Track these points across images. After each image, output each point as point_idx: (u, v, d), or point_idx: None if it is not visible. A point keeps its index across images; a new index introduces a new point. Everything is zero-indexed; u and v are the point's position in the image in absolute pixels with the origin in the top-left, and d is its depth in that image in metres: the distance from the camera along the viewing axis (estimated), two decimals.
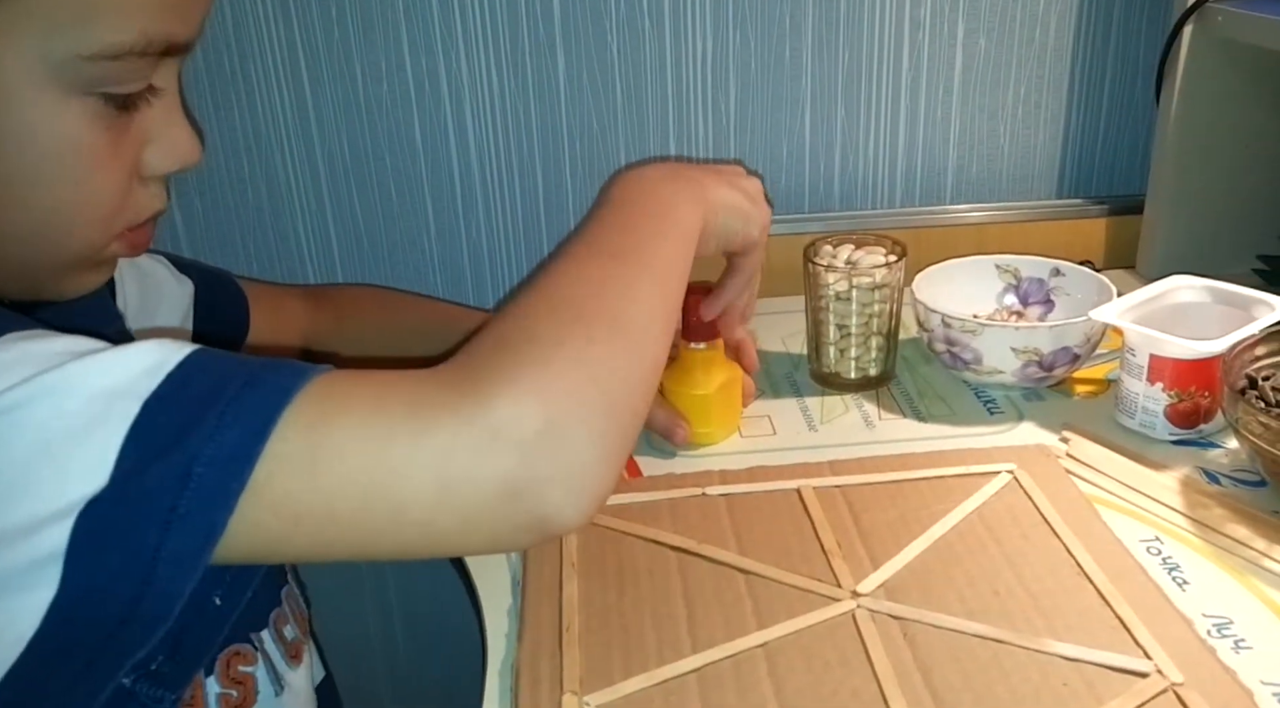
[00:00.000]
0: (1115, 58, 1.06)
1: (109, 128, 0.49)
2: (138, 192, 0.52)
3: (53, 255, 0.51)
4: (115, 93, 0.48)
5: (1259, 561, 0.64)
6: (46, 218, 0.49)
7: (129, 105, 0.49)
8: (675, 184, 0.63)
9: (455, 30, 0.99)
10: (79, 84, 0.47)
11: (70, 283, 0.54)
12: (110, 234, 0.52)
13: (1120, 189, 1.11)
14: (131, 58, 0.47)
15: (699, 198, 0.64)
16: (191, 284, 0.78)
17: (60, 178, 0.48)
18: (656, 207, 0.61)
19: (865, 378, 0.87)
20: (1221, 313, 0.78)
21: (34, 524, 0.40)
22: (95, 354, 0.42)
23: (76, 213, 0.50)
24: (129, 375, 0.42)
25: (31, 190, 0.48)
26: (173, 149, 0.52)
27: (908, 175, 1.09)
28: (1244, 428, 0.68)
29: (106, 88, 0.48)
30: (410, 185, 1.05)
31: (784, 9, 1.01)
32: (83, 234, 0.51)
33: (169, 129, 0.52)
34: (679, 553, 0.67)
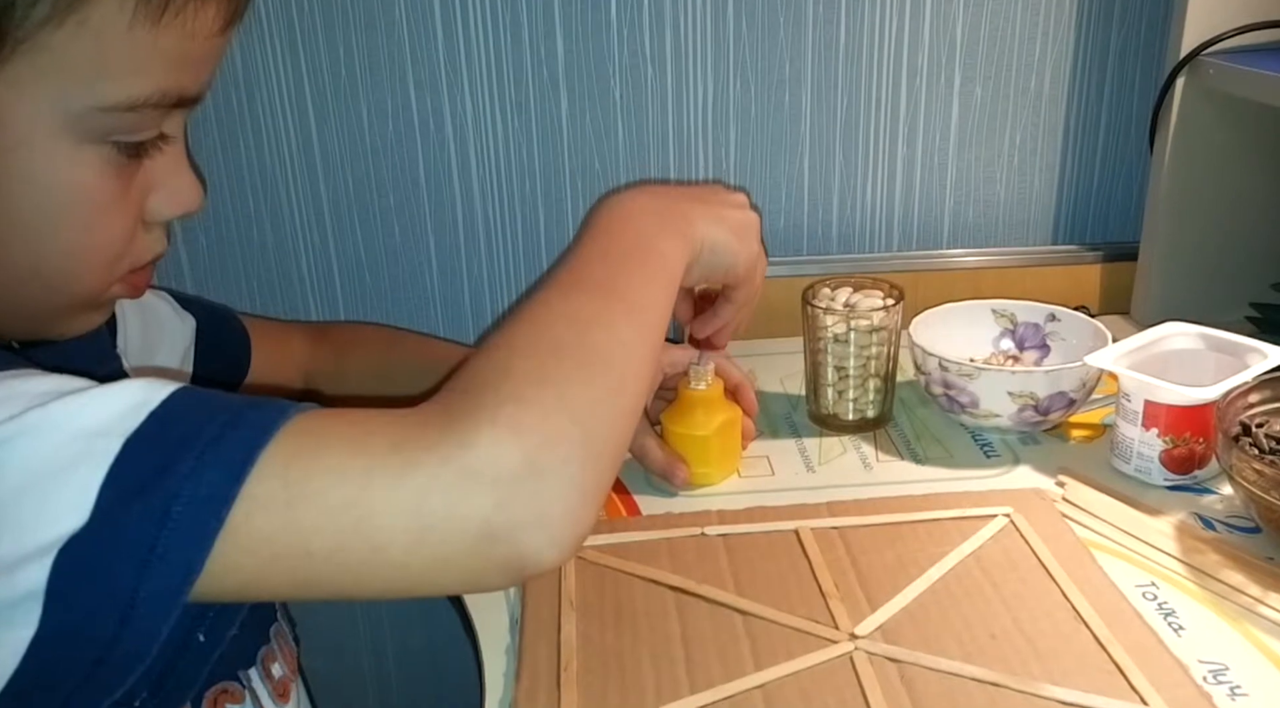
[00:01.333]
0: (1109, 107, 1.07)
1: (119, 175, 0.50)
2: (141, 236, 0.53)
3: (56, 297, 0.52)
4: (127, 141, 0.49)
5: (1254, 607, 0.64)
6: (53, 262, 0.50)
7: (139, 153, 0.50)
8: (660, 218, 0.62)
9: (460, 71, 1.01)
10: (93, 133, 0.48)
11: (70, 324, 0.55)
12: (113, 277, 0.53)
13: (1115, 236, 1.12)
14: (146, 109, 0.48)
15: (684, 233, 0.63)
16: (194, 321, 0.79)
17: (70, 223, 0.49)
18: (640, 241, 0.60)
19: (863, 420, 0.87)
20: (1215, 360, 0.79)
21: (14, 562, 0.40)
22: (80, 393, 0.42)
23: (83, 257, 0.51)
24: (111, 414, 0.42)
25: (40, 234, 0.49)
26: (176, 196, 0.53)
27: (905, 220, 1.10)
28: (1238, 474, 0.69)
29: (119, 137, 0.49)
30: (413, 224, 1.06)
31: (784, 56, 1.03)
32: (87, 278, 0.52)
33: (174, 177, 0.53)
34: (677, 593, 0.67)
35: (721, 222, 0.66)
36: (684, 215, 0.64)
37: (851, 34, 1.02)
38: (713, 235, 0.65)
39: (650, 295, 0.57)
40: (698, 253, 0.64)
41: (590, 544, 0.71)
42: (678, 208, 0.64)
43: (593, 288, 0.55)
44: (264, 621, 0.67)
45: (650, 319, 0.56)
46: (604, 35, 1.00)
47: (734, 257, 0.67)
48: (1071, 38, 1.04)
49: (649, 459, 0.78)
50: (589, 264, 0.57)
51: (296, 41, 0.98)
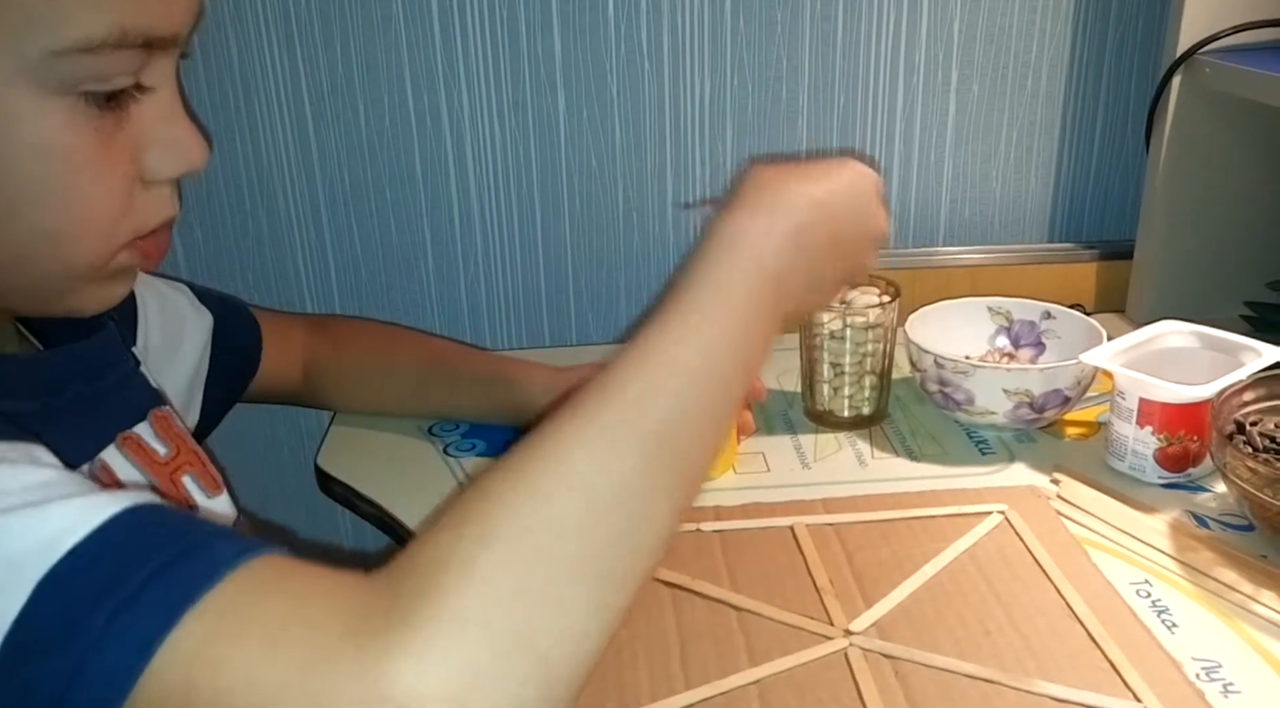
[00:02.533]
0: (1106, 106, 1.08)
1: (96, 130, 0.46)
2: (141, 198, 0.49)
3: (55, 273, 0.48)
4: (96, 90, 0.45)
5: (1247, 604, 0.64)
6: (39, 233, 0.46)
7: (115, 104, 0.46)
8: (778, 286, 0.51)
9: (457, 67, 1.01)
10: (56, 82, 0.44)
11: (84, 298, 0.51)
12: (114, 244, 0.49)
13: (1110, 234, 1.12)
14: (107, 51, 0.44)
15: (787, 309, 0.53)
16: (211, 317, 0.78)
17: (47, 187, 0.45)
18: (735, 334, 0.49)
19: (858, 417, 0.87)
20: (1210, 358, 0.79)
21: None
22: (8, 513, 0.38)
23: (70, 224, 0.47)
24: (32, 544, 0.38)
25: (18, 203, 0.45)
26: (175, 150, 0.49)
27: (902, 217, 1.10)
28: (1232, 472, 0.69)
29: (86, 85, 0.45)
30: (410, 219, 1.06)
31: (780, 53, 1.03)
32: (83, 247, 0.48)
33: (168, 130, 0.49)
34: (672, 589, 0.67)
35: (838, 281, 0.59)
36: (807, 284, 0.55)
37: (849, 31, 1.02)
38: (814, 304, 0.59)
39: (710, 448, 0.47)
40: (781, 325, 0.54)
41: None
42: (807, 267, 0.54)
43: (643, 429, 0.43)
44: None
45: (696, 484, 0.46)
46: (601, 32, 1.00)
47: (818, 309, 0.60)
48: (1068, 36, 1.04)
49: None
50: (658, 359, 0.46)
51: (293, 37, 0.98)
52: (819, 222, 0.54)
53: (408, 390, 0.88)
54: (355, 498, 0.83)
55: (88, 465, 0.54)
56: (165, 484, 0.58)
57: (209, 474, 0.62)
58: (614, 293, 1.11)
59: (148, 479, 0.57)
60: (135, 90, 0.47)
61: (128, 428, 0.58)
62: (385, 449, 0.87)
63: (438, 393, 0.88)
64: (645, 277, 1.10)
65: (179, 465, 0.60)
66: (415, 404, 0.89)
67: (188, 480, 0.60)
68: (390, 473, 0.84)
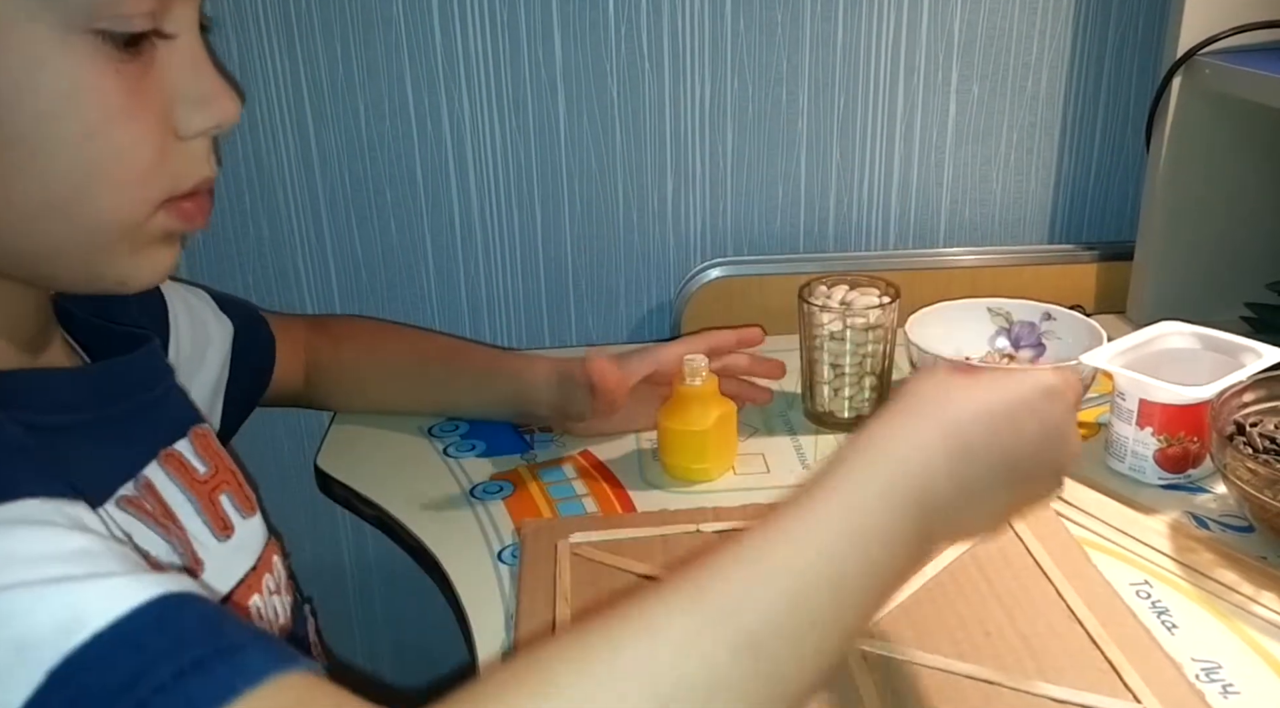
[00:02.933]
0: (1106, 107, 1.08)
1: (118, 72, 0.45)
2: (175, 154, 0.48)
3: (89, 230, 0.47)
4: (115, 31, 0.44)
5: (1247, 605, 0.64)
6: (69, 181, 0.45)
7: (136, 48, 0.45)
8: (947, 513, 0.45)
9: (458, 69, 1.01)
10: (73, 18, 0.43)
11: (127, 268, 0.50)
12: (149, 201, 0.48)
13: (1111, 235, 1.12)
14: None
15: (947, 539, 0.48)
16: (232, 326, 0.78)
17: (68, 132, 0.44)
18: (880, 562, 0.42)
19: (859, 417, 0.87)
20: (1210, 359, 0.79)
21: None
22: (21, 590, 0.36)
23: (99, 171, 0.45)
24: (47, 626, 0.36)
25: (42, 149, 0.44)
26: (205, 103, 0.48)
27: (902, 218, 1.10)
28: (1232, 473, 0.69)
29: (104, 23, 0.44)
30: (410, 221, 1.06)
31: (781, 54, 1.03)
32: (115, 199, 0.46)
33: (197, 82, 0.48)
34: None
35: (1013, 512, 0.52)
36: (968, 509, 0.47)
37: (849, 32, 1.02)
38: (983, 533, 0.52)
39: (812, 667, 0.40)
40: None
41: (585, 541, 0.72)
42: (967, 490, 0.47)
43: (738, 627, 0.39)
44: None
45: (789, 700, 0.40)
46: (601, 34, 1.00)
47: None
48: (1069, 37, 1.04)
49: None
50: (770, 557, 0.41)
51: (294, 38, 0.98)
52: (988, 440, 0.47)
53: (407, 387, 0.88)
54: (355, 499, 0.83)
55: (132, 482, 0.53)
56: (204, 503, 0.57)
57: (244, 494, 0.62)
58: (614, 294, 1.11)
59: (188, 497, 0.56)
60: (155, 36, 0.46)
61: (169, 445, 0.58)
62: (385, 450, 0.87)
63: (437, 389, 0.88)
64: (645, 277, 1.10)
65: (217, 484, 0.59)
66: (415, 401, 0.89)
67: (225, 500, 0.59)
68: (390, 474, 0.84)
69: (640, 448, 0.85)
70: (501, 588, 0.69)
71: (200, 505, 0.57)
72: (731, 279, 1.08)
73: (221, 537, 0.58)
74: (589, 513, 0.77)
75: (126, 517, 0.51)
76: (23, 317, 0.53)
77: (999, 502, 0.49)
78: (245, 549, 0.60)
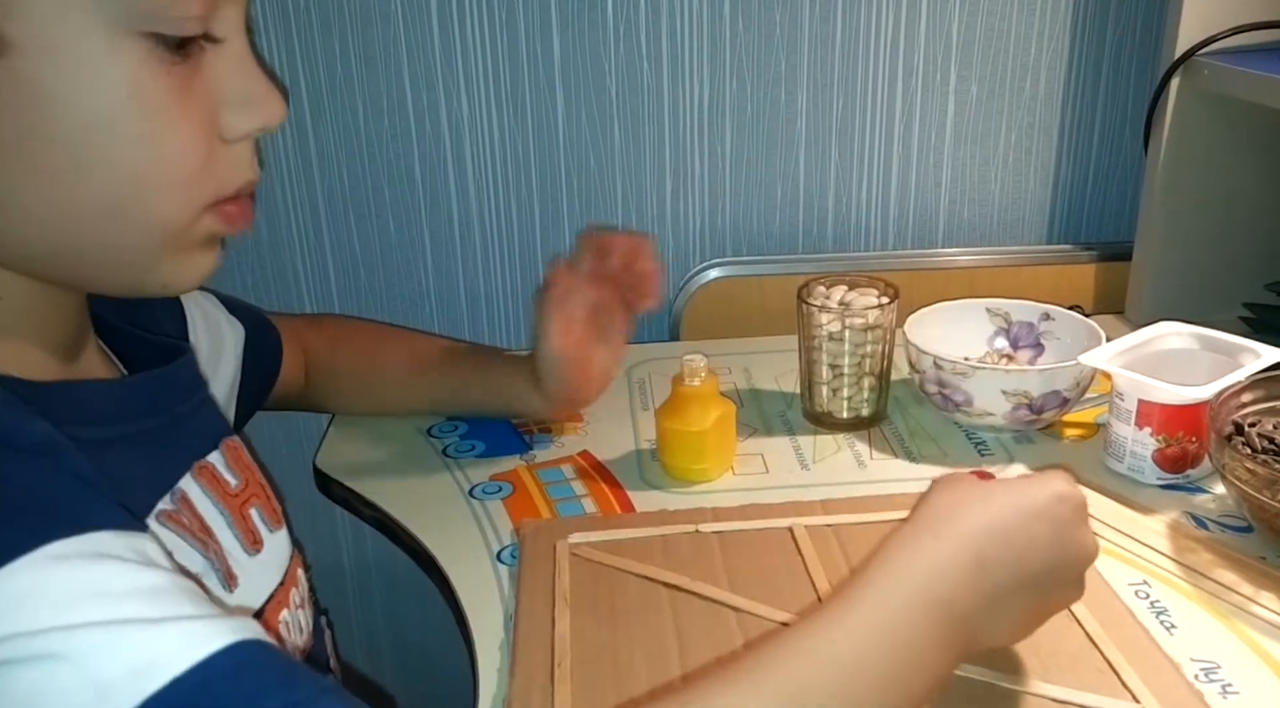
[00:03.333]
0: (1104, 107, 1.08)
1: (169, 74, 0.45)
2: (221, 156, 0.48)
3: (137, 231, 0.47)
4: (167, 34, 0.44)
5: (1246, 606, 0.64)
6: (118, 184, 0.45)
7: (185, 51, 0.45)
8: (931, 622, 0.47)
9: (456, 68, 1.01)
10: (124, 20, 0.43)
11: (170, 271, 0.50)
12: (195, 204, 0.48)
13: (1109, 236, 1.12)
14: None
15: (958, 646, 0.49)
16: (243, 329, 0.78)
17: (123, 131, 0.44)
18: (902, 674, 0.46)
19: (857, 418, 0.87)
20: (1208, 359, 0.79)
21: None
22: (98, 629, 0.38)
23: (149, 174, 0.46)
24: (123, 669, 0.37)
25: (94, 151, 0.44)
26: (251, 105, 0.48)
27: (900, 219, 1.10)
28: (1231, 474, 0.69)
29: (156, 26, 0.44)
30: (408, 220, 1.06)
31: (779, 54, 1.03)
32: (163, 202, 0.47)
33: (245, 84, 0.48)
34: (671, 590, 0.67)
35: (1041, 616, 0.53)
36: (996, 619, 0.50)
37: (847, 32, 1.02)
38: (1016, 638, 0.54)
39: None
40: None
41: (584, 541, 0.72)
42: (990, 602, 0.49)
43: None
44: None
45: None
46: (600, 32, 1.00)
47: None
48: (1067, 38, 1.04)
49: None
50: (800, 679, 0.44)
51: (292, 36, 0.98)
52: (1002, 553, 0.49)
53: (400, 389, 0.88)
54: (354, 499, 0.82)
55: (169, 495, 0.53)
56: (236, 517, 0.57)
57: (272, 507, 0.61)
58: None
59: (220, 511, 0.56)
60: (205, 40, 0.47)
61: (202, 457, 0.57)
62: (384, 451, 0.87)
63: (428, 390, 0.88)
64: None
65: (247, 497, 0.59)
66: (408, 402, 0.89)
67: (254, 513, 0.59)
68: (389, 474, 0.84)
69: (639, 448, 0.85)
70: (501, 588, 0.69)
71: (232, 519, 0.57)
72: (730, 279, 1.08)
73: (252, 551, 0.57)
74: (588, 513, 0.77)
75: (166, 532, 0.51)
76: (59, 324, 0.52)
77: (1021, 608, 0.51)
78: (274, 564, 0.60)
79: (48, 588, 0.38)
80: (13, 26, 0.41)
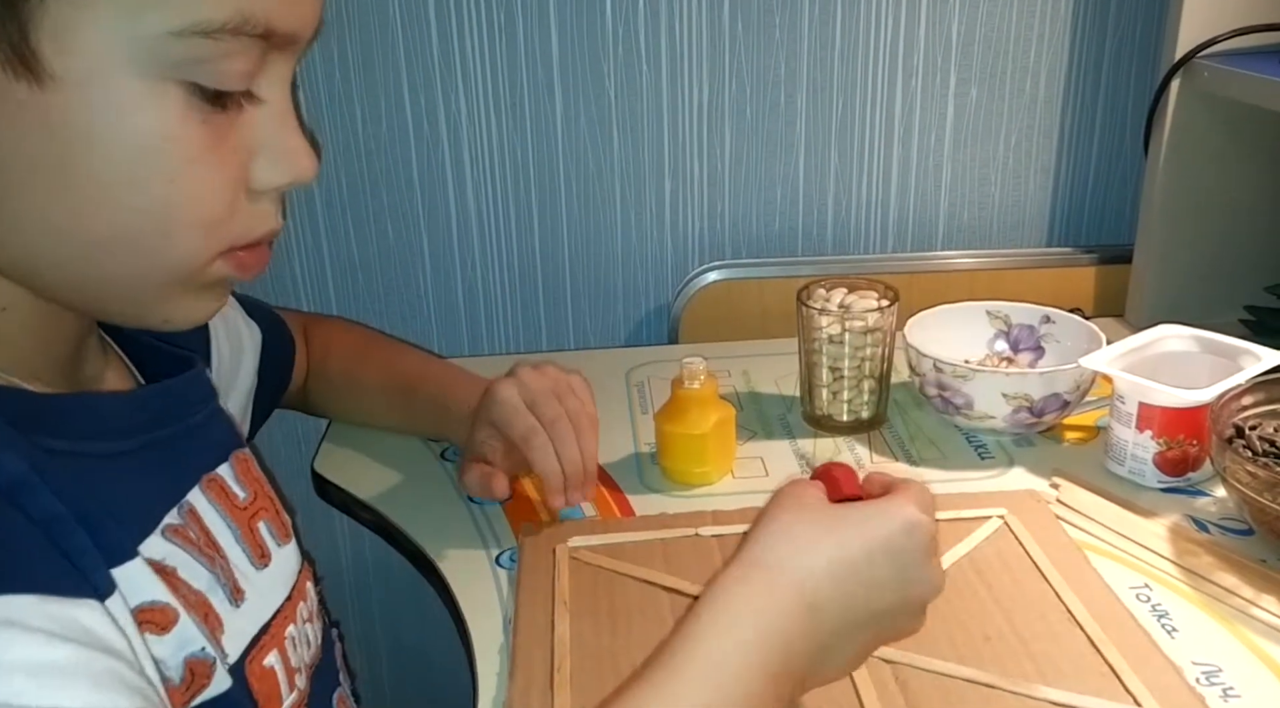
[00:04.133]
0: (1104, 110, 1.08)
1: (204, 122, 0.45)
2: (246, 207, 0.49)
3: (149, 268, 0.47)
4: (206, 86, 0.44)
5: (1247, 609, 0.64)
6: (142, 219, 0.45)
7: (224, 104, 0.46)
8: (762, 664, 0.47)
9: (455, 71, 1.00)
10: (168, 67, 0.43)
11: (175, 308, 0.50)
12: (214, 248, 0.48)
13: (1109, 239, 1.12)
14: (226, 37, 0.43)
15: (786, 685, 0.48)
16: (260, 332, 0.78)
17: (154, 171, 0.44)
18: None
19: (857, 421, 0.87)
20: (1209, 362, 0.79)
21: None
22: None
23: (173, 214, 0.46)
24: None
25: (121, 187, 0.44)
26: (282, 160, 0.49)
27: (900, 221, 1.10)
28: (1231, 477, 0.69)
29: (200, 77, 0.44)
30: (407, 224, 1.06)
31: (779, 56, 1.03)
32: (182, 242, 0.47)
33: (282, 138, 0.48)
34: (671, 594, 0.67)
35: (871, 650, 0.52)
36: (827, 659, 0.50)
37: (847, 35, 1.02)
38: (842, 675, 0.53)
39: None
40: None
41: (584, 545, 0.71)
42: (823, 644, 0.49)
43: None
44: None
45: None
46: (599, 34, 1.00)
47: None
48: (1067, 41, 1.04)
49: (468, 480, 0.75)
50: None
51: None
52: (836, 593, 0.49)
53: (375, 407, 0.87)
54: (352, 503, 0.82)
55: (176, 509, 0.53)
56: (244, 531, 0.57)
57: (280, 521, 0.61)
58: (611, 296, 1.11)
59: (228, 525, 0.56)
60: (243, 98, 0.47)
61: (211, 470, 0.57)
62: (382, 454, 0.87)
63: (398, 413, 0.87)
64: (642, 279, 1.10)
65: (256, 511, 0.59)
66: (381, 421, 0.88)
67: (263, 527, 0.59)
68: (387, 478, 0.84)
69: (639, 452, 0.85)
70: (499, 592, 0.69)
71: (240, 533, 0.56)
72: (730, 282, 1.07)
73: (259, 565, 0.57)
74: (587, 517, 0.76)
75: (172, 548, 0.50)
76: (66, 336, 0.52)
77: (856, 645, 0.50)
78: (281, 578, 0.59)
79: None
80: (59, 61, 0.41)
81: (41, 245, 0.45)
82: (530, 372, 0.75)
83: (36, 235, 0.45)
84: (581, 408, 0.74)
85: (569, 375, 0.76)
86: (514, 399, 0.73)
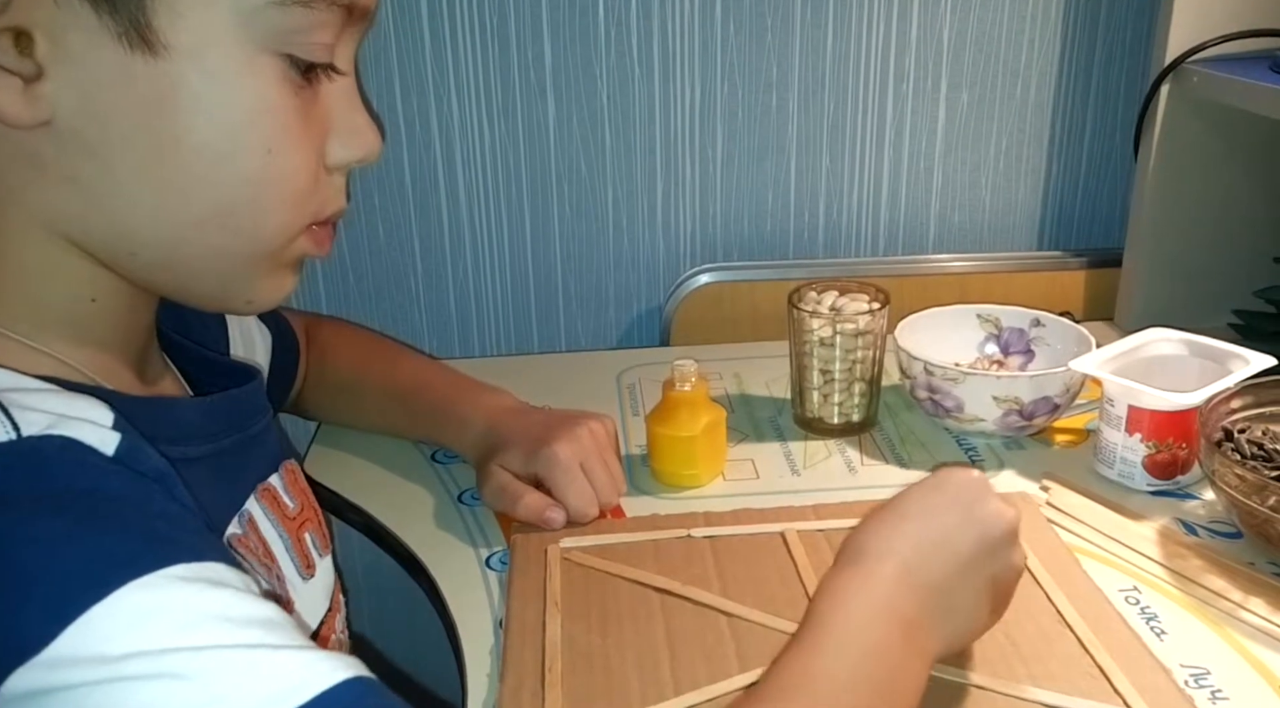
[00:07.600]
0: (1095, 114, 1.08)
1: (297, 94, 0.47)
2: (324, 181, 0.50)
3: (246, 242, 0.49)
4: (300, 58, 0.46)
5: (1235, 612, 0.64)
6: (239, 191, 0.47)
7: (311, 77, 0.48)
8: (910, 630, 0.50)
9: (447, 73, 1.00)
10: (270, 36, 0.45)
11: (259, 287, 0.51)
12: (299, 222, 0.50)
13: (1099, 242, 1.13)
14: (321, 6, 0.45)
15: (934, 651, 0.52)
16: (271, 335, 0.78)
17: (254, 142, 0.46)
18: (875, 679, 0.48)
19: (848, 423, 0.87)
20: (1198, 366, 0.79)
21: None
22: (225, 652, 0.38)
23: (268, 188, 0.47)
24: (250, 697, 0.37)
25: (221, 157, 0.46)
26: (355, 137, 0.50)
27: (891, 224, 1.11)
28: (1220, 480, 0.69)
29: (292, 48, 0.46)
30: (398, 226, 1.06)
31: (770, 59, 1.03)
32: (275, 215, 0.48)
33: (351, 116, 0.50)
34: (662, 595, 0.67)
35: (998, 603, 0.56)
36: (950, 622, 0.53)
37: (839, 38, 1.02)
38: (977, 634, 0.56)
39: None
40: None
41: (576, 545, 0.71)
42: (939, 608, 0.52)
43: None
44: None
45: None
46: (591, 38, 1.00)
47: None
48: (1057, 45, 1.05)
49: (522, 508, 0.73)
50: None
51: None
52: (923, 551, 0.52)
53: (374, 414, 0.87)
54: (342, 505, 0.82)
55: (237, 518, 0.53)
56: (293, 541, 0.57)
57: (322, 531, 0.61)
58: (603, 299, 1.11)
59: (280, 535, 0.56)
60: (326, 70, 0.48)
61: (265, 479, 0.58)
62: (372, 456, 0.87)
63: (398, 422, 0.86)
64: (635, 283, 1.10)
65: (303, 521, 0.59)
66: (380, 427, 0.88)
67: (309, 538, 0.59)
68: (377, 480, 0.84)
69: (630, 453, 0.85)
70: (489, 594, 0.69)
71: (290, 543, 0.57)
72: (721, 284, 1.08)
73: (306, 576, 0.57)
74: None
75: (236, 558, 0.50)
76: (137, 334, 0.53)
77: (973, 591, 0.53)
78: (323, 589, 0.60)
79: (171, 608, 0.38)
80: (173, 32, 0.43)
81: (136, 219, 0.46)
82: (588, 436, 0.75)
83: (131, 210, 0.46)
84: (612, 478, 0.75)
85: (610, 433, 0.77)
86: (575, 469, 0.73)
